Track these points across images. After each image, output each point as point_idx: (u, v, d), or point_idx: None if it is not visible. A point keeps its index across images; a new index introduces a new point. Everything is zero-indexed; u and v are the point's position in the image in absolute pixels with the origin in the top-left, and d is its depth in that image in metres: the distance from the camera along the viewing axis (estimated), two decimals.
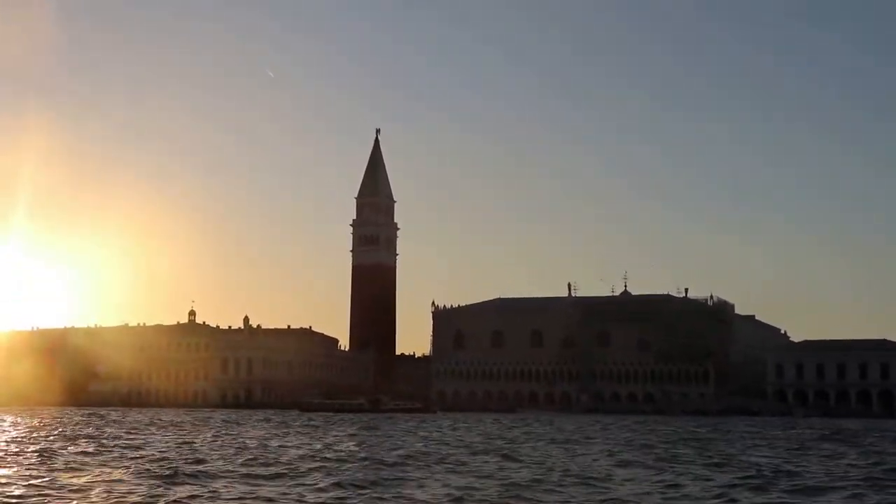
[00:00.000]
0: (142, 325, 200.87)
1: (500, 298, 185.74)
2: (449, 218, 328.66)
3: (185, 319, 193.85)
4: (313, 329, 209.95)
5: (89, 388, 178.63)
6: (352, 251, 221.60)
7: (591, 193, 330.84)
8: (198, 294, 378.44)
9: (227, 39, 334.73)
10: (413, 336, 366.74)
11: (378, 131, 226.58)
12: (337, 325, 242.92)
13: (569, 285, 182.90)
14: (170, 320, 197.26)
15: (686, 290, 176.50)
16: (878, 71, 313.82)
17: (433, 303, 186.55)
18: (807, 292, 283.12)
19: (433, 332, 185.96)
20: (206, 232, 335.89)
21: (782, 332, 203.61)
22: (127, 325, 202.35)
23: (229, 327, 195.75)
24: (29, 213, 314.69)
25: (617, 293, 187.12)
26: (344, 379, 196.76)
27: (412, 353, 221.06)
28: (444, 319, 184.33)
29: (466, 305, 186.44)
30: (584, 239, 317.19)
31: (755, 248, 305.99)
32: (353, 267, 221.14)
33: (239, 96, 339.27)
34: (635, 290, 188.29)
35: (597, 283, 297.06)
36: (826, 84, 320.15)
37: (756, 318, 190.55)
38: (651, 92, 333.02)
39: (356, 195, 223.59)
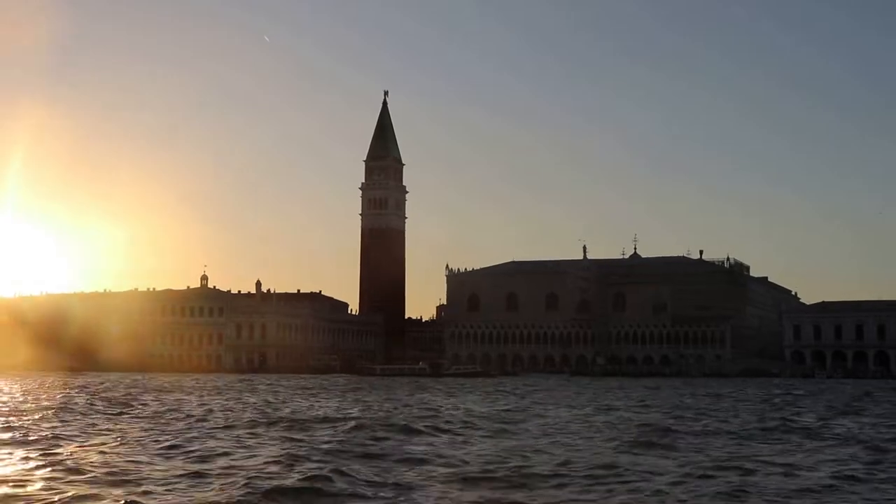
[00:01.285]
0: (152, 289, 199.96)
1: (513, 261, 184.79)
2: (457, 181, 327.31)
3: (193, 284, 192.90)
4: (323, 293, 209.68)
5: (102, 352, 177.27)
6: (361, 214, 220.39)
7: (600, 156, 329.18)
8: (206, 259, 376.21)
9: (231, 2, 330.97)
10: (421, 299, 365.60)
11: (386, 93, 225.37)
12: (346, 289, 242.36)
13: (584, 248, 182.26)
14: (178, 286, 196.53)
15: (701, 252, 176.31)
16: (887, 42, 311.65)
17: (447, 266, 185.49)
18: (815, 255, 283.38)
19: (447, 295, 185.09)
20: (214, 197, 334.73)
21: (793, 293, 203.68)
22: (136, 289, 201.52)
23: (239, 292, 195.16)
24: (38, 181, 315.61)
25: (627, 256, 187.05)
26: (355, 343, 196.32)
27: (419, 317, 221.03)
28: (458, 282, 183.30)
29: (480, 268, 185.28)
30: (594, 202, 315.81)
31: (764, 211, 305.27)
32: (362, 230, 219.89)
33: (247, 61, 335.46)
34: (644, 253, 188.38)
35: (607, 246, 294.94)
36: (836, 53, 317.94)
37: (768, 280, 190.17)
38: (661, 56, 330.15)
39: (365, 158, 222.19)
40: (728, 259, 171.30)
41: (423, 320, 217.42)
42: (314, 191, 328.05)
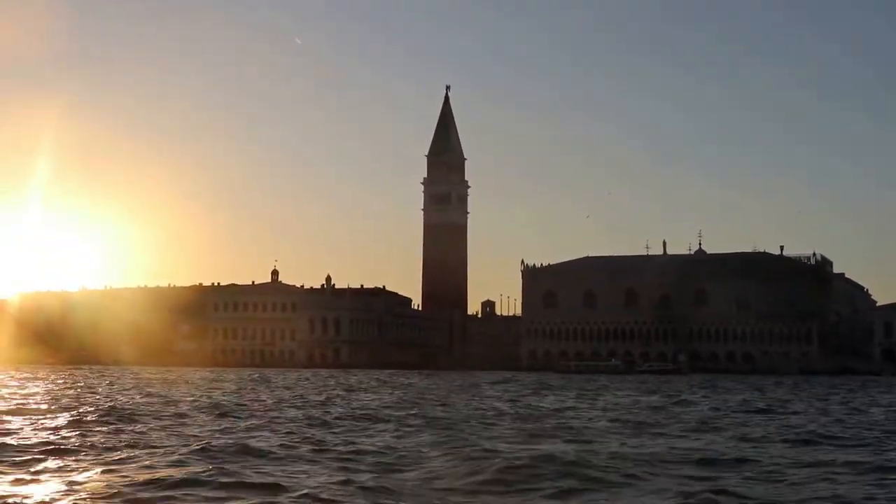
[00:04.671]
0: (216, 284, 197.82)
1: (589, 256, 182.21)
2: (519, 175, 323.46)
3: (259, 279, 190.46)
4: (386, 289, 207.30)
5: (174, 347, 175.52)
6: (423, 210, 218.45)
7: (665, 149, 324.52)
8: (276, 254, 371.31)
9: None
10: (481, 295, 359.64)
11: (448, 88, 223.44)
12: (408, 284, 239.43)
13: (664, 243, 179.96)
14: (242, 281, 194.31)
15: (781, 247, 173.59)
16: None
17: (522, 261, 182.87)
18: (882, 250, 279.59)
19: (522, 290, 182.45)
20: (275, 193, 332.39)
21: (865, 290, 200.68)
22: (200, 284, 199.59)
23: (302, 286, 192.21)
24: (120, 178, 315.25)
25: (692, 251, 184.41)
26: (423, 339, 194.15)
27: (475, 313, 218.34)
28: (533, 278, 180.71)
29: (556, 264, 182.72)
30: (656, 196, 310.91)
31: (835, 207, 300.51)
32: (424, 226, 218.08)
33: (311, 58, 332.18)
34: (709, 249, 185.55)
35: (675, 241, 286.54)
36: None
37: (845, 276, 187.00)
38: (726, 45, 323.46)
39: (427, 153, 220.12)
40: (814, 255, 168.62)
41: (478, 316, 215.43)
42: (377, 186, 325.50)
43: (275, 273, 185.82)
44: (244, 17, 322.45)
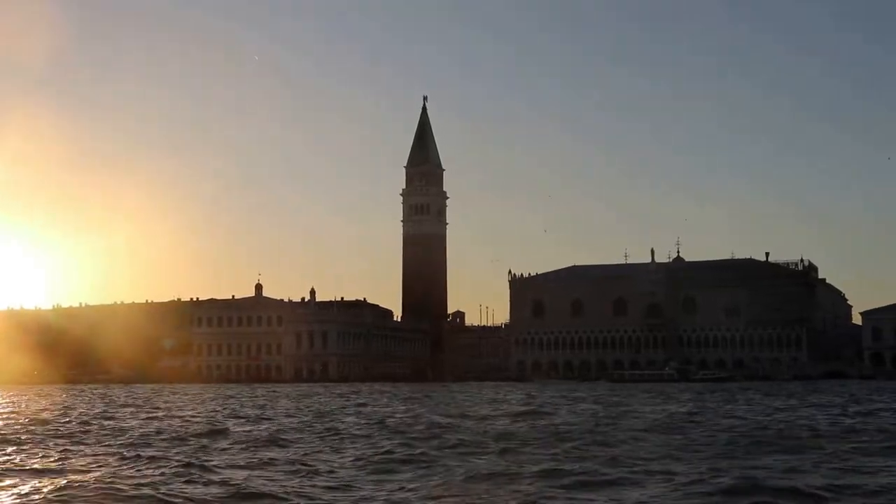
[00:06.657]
0: (194, 299, 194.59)
1: (576, 266, 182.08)
2: (496, 186, 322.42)
3: (238, 294, 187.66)
4: (367, 301, 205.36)
5: (158, 363, 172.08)
6: (402, 221, 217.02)
7: (640, 158, 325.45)
8: (253, 267, 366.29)
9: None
10: (460, 306, 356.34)
11: (425, 98, 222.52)
12: (385, 295, 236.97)
13: (651, 251, 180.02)
14: (222, 296, 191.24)
15: (767, 254, 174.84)
16: None
17: (510, 271, 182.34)
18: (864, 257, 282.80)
19: (510, 300, 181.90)
20: (253, 207, 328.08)
21: (842, 295, 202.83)
22: (179, 299, 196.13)
23: (282, 300, 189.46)
24: (91, 192, 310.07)
25: (671, 259, 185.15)
26: (407, 351, 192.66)
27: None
28: (521, 288, 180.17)
29: (543, 273, 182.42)
30: (635, 205, 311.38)
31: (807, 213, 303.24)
32: (403, 237, 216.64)
33: (287, 70, 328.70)
34: (687, 257, 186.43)
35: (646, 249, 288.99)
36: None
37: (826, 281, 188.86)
38: (704, 56, 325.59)
39: (405, 164, 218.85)
40: (802, 261, 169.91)
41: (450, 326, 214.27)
42: (355, 198, 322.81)
43: (258, 287, 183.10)
44: (221, 30, 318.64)
